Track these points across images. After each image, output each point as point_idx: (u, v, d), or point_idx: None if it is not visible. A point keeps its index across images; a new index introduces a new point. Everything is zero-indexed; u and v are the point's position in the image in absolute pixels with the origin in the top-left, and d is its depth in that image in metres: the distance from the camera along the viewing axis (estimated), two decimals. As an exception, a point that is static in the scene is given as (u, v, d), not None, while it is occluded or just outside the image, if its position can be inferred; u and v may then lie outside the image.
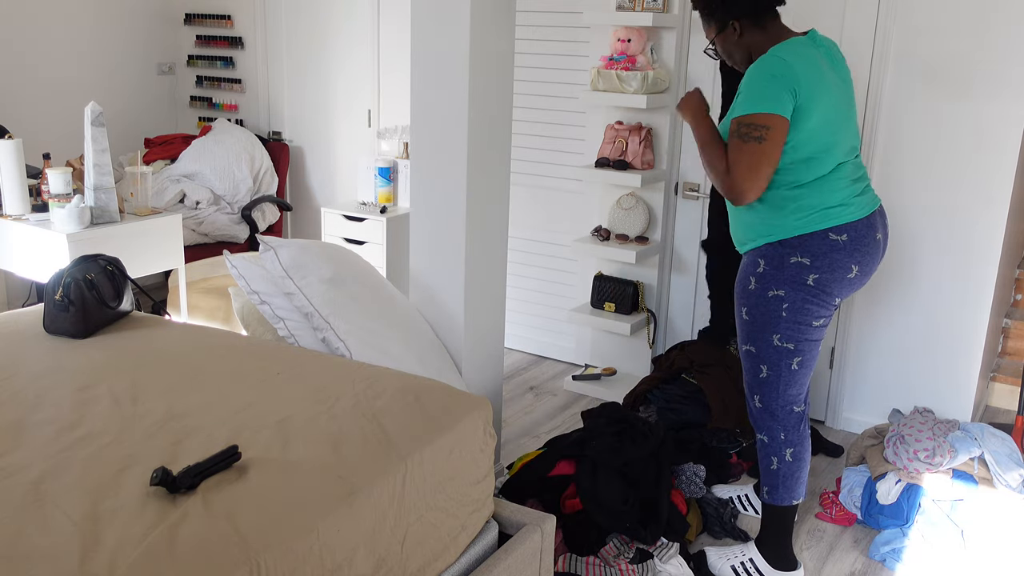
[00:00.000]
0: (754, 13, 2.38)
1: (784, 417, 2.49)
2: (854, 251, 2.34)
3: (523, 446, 3.40)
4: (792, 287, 2.35)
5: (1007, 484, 2.76)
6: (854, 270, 2.36)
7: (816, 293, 2.35)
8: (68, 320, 2.44)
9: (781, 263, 2.36)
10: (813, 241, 2.33)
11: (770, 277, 2.38)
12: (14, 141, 3.25)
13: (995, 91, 3.11)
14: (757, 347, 2.45)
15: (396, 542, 1.77)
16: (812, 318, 2.38)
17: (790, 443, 2.51)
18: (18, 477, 1.68)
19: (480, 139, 2.61)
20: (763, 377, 2.47)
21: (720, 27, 2.44)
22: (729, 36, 2.44)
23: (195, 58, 5.30)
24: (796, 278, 2.35)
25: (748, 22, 2.39)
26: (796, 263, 2.34)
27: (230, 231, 4.59)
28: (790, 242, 2.35)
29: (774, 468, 2.53)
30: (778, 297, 2.38)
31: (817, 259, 2.33)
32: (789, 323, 2.38)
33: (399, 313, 2.66)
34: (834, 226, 2.33)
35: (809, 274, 2.34)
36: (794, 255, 2.35)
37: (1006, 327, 3.94)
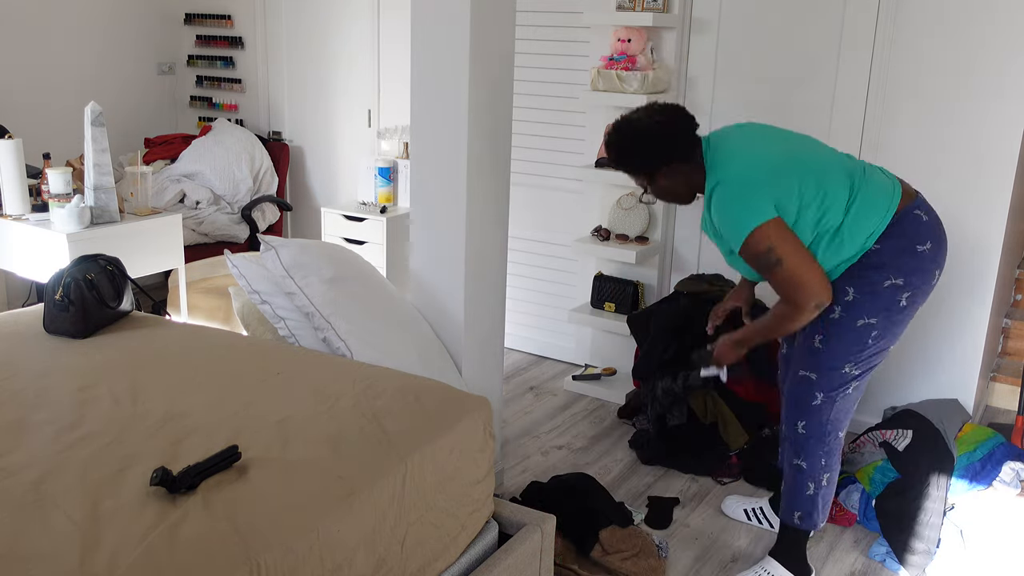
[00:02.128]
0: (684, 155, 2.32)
1: (829, 442, 2.41)
2: (937, 255, 2.28)
3: (523, 446, 3.40)
4: (886, 313, 2.26)
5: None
6: (937, 276, 2.31)
7: (908, 314, 2.29)
8: (68, 320, 2.44)
9: (875, 289, 2.25)
10: (904, 258, 2.23)
11: (863, 305, 2.26)
12: (14, 141, 3.25)
13: (995, 91, 3.11)
14: (819, 374, 2.35)
15: (396, 542, 1.77)
16: (892, 341, 2.32)
17: (829, 468, 2.44)
18: (18, 477, 1.68)
19: (480, 139, 2.61)
20: (815, 404, 2.38)
21: (650, 177, 2.38)
22: (661, 181, 2.38)
23: (195, 58, 5.30)
24: (891, 302, 2.25)
25: (679, 163, 2.33)
26: (891, 285, 2.24)
27: (230, 231, 4.59)
28: (878, 263, 2.23)
29: (810, 494, 2.45)
30: (869, 326, 2.27)
31: (911, 275, 2.24)
32: (871, 351, 2.30)
33: (399, 313, 2.66)
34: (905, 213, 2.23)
35: (903, 294, 2.25)
36: (888, 278, 2.24)
37: (1006, 327, 3.93)
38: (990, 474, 2.83)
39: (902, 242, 2.24)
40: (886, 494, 2.82)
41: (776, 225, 2.19)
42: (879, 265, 2.24)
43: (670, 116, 2.35)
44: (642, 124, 2.34)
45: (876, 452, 2.94)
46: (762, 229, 2.19)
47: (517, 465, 3.26)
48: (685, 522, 2.92)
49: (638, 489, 3.11)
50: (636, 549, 2.57)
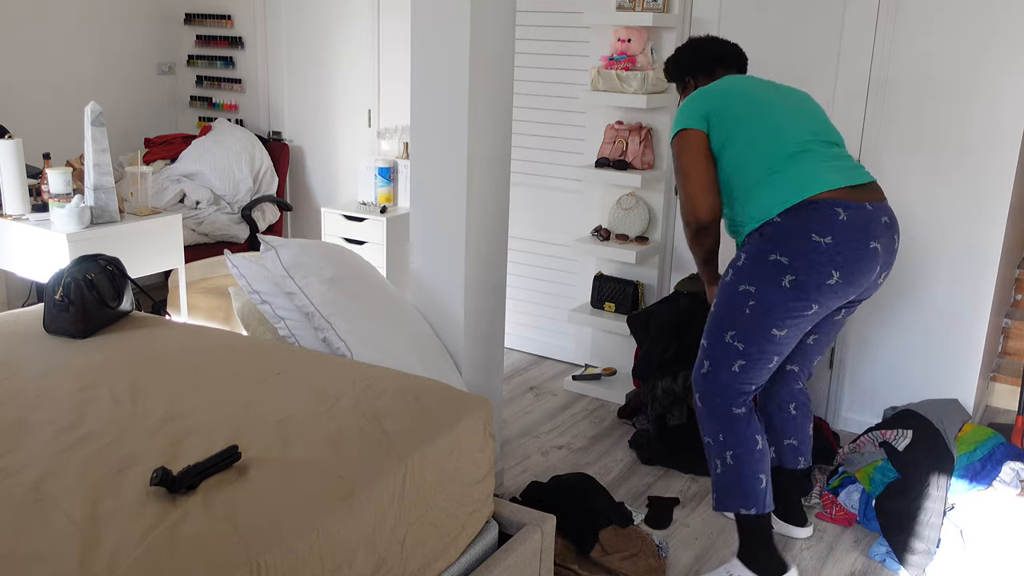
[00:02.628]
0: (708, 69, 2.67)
1: (722, 418, 2.42)
2: (836, 255, 2.25)
3: (523, 446, 3.40)
4: (765, 284, 2.30)
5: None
6: (835, 276, 2.26)
7: (789, 298, 2.28)
8: (68, 320, 2.44)
9: (760, 259, 2.31)
10: (794, 239, 2.26)
11: (746, 271, 2.34)
12: (14, 141, 3.25)
13: (995, 91, 3.11)
14: (708, 341, 2.44)
15: (396, 542, 1.77)
16: (774, 323, 2.32)
17: (731, 445, 2.41)
18: (18, 477, 1.68)
19: (480, 139, 2.61)
20: (703, 372, 2.45)
21: (682, 88, 2.74)
22: (689, 92, 2.70)
23: (195, 58, 5.30)
24: (771, 277, 2.29)
25: (702, 77, 2.67)
26: (774, 261, 2.28)
27: (230, 231, 4.59)
28: (771, 235, 2.30)
29: (718, 472, 2.46)
30: (747, 292, 2.33)
31: (796, 259, 2.26)
32: (749, 323, 2.34)
33: (399, 313, 2.66)
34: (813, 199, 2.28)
35: (786, 275, 2.27)
36: (774, 252, 2.29)
37: (1006, 327, 3.94)
38: (990, 474, 2.83)
39: (799, 224, 2.27)
40: (886, 494, 2.82)
41: (695, 138, 2.43)
42: (770, 237, 2.31)
43: (714, 41, 2.71)
44: (688, 42, 2.75)
45: (876, 452, 2.94)
46: (683, 135, 2.44)
47: (517, 465, 3.26)
48: (685, 522, 2.92)
49: (638, 489, 3.11)
50: (636, 549, 2.58)
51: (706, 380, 2.44)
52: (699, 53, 2.69)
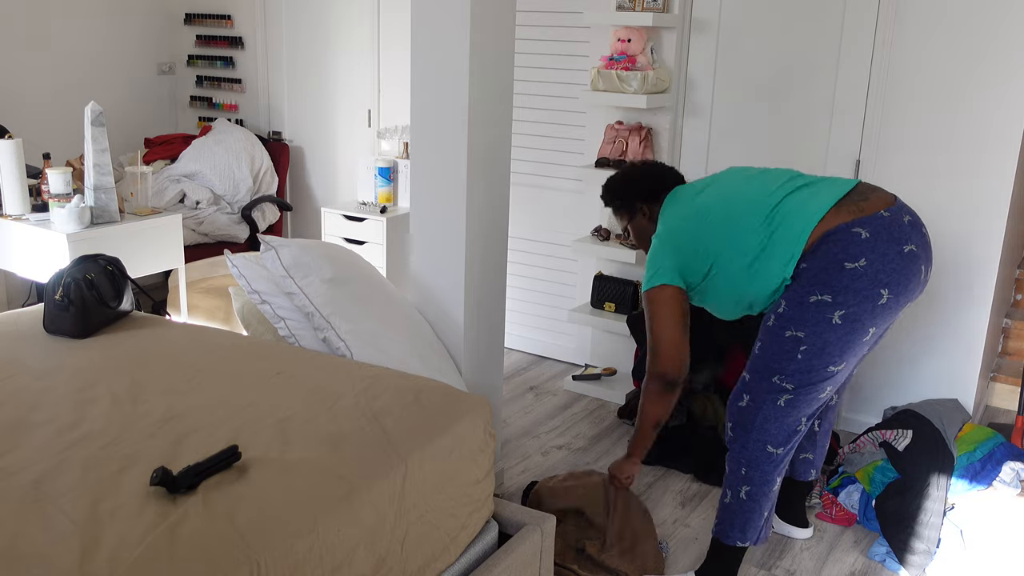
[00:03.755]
0: (656, 195, 2.62)
1: (752, 452, 2.35)
2: (878, 273, 2.16)
3: (523, 446, 3.40)
4: (814, 328, 2.20)
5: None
6: (885, 295, 2.18)
7: (843, 332, 2.20)
8: (68, 320, 2.44)
9: (801, 302, 2.22)
10: (829, 275, 2.18)
11: (790, 317, 2.24)
12: (14, 141, 3.25)
13: (995, 91, 3.11)
14: (751, 375, 2.35)
15: (396, 542, 1.77)
16: (831, 360, 2.23)
17: (750, 481, 2.36)
18: (18, 477, 1.68)
19: (480, 139, 2.61)
20: (741, 405, 2.37)
21: (630, 215, 2.69)
22: (640, 220, 2.68)
23: (195, 58, 5.30)
24: (819, 318, 2.19)
25: (653, 204, 2.62)
26: (816, 301, 2.19)
27: (230, 231, 4.59)
28: (805, 278, 2.22)
29: (727, 501, 2.42)
30: (796, 338, 2.23)
31: (839, 294, 2.17)
32: (802, 366, 2.24)
33: (399, 313, 2.66)
34: (829, 231, 2.20)
35: (834, 311, 2.18)
36: (813, 293, 2.20)
37: (1006, 327, 3.93)
38: (990, 474, 2.83)
39: (826, 260, 2.20)
40: (886, 494, 2.82)
41: (671, 294, 2.43)
42: (806, 280, 2.23)
43: (652, 166, 2.73)
44: (629, 168, 2.75)
45: (876, 452, 2.94)
46: (656, 291, 2.45)
47: (517, 465, 3.26)
48: (685, 522, 2.92)
49: (638, 489, 3.11)
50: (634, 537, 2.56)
51: (745, 413, 2.35)
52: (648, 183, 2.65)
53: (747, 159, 3.60)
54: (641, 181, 2.68)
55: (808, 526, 2.84)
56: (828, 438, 2.77)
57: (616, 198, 2.72)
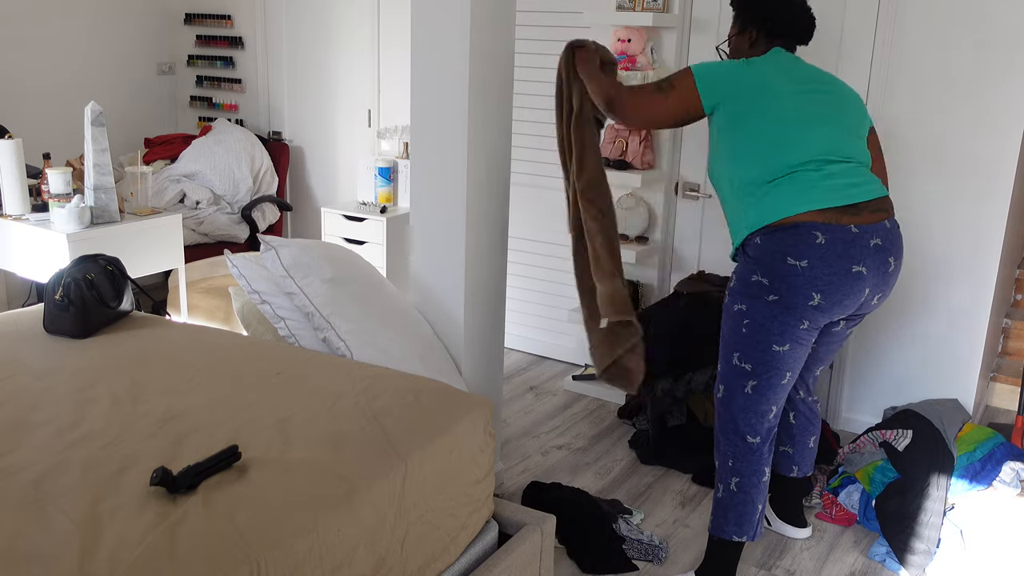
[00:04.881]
0: (774, 31, 2.50)
1: (735, 444, 2.40)
2: (814, 278, 2.23)
3: (523, 446, 3.40)
4: (752, 301, 2.31)
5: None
6: (816, 298, 2.25)
7: (777, 312, 2.28)
8: (68, 320, 2.44)
9: (746, 279, 2.33)
10: (771, 262, 2.27)
11: (737, 292, 2.36)
12: (14, 141, 3.25)
13: (995, 91, 3.11)
14: (721, 366, 2.44)
15: (396, 542, 1.77)
16: (772, 339, 2.30)
17: (738, 473, 2.40)
18: (18, 477, 1.68)
19: (480, 139, 2.61)
20: (719, 397, 2.44)
21: (741, 27, 2.57)
22: (743, 40, 2.56)
23: (195, 58, 5.30)
24: (757, 296, 2.31)
25: (763, 35, 2.51)
26: (756, 281, 2.30)
27: (230, 231, 4.59)
28: (753, 256, 2.31)
29: (719, 496, 2.44)
30: (741, 311, 2.35)
31: (775, 281, 2.26)
32: (749, 341, 2.33)
33: (400, 313, 2.66)
34: (795, 221, 2.24)
35: (769, 295, 2.29)
36: (755, 273, 2.30)
37: (1006, 327, 3.94)
38: (990, 474, 2.83)
39: (776, 247, 2.26)
40: (886, 494, 2.82)
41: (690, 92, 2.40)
42: (752, 258, 2.33)
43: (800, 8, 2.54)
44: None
45: (876, 452, 2.94)
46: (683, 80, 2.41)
47: (517, 465, 3.26)
48: (685, 522, 2.92)
49: (638, 489, 3.11)
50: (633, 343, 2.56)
51: (723, 404, 2.43)
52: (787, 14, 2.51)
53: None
54: (777, 10, 2.51)
55: (807, 526, 2.84)
56: (811, 435, 2.76)
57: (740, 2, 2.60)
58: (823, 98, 2.40)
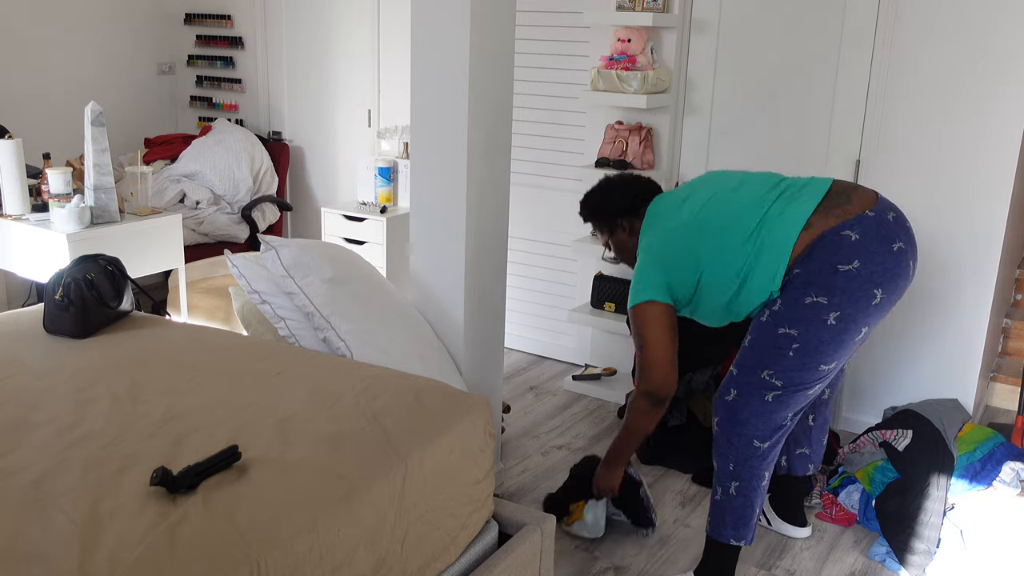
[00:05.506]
0: (634, 208, 2.58)
1: (740, 448, 2.35)
2: (871, 275, 2.17)
3: (523, 446, 3.40)
4: (807, 327, 2.21)
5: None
6: (878, 295, 2.19)
7: (836, 333, 2.20)
8: (68, 320, 2.44)
9: (796, 302, 2.22)
10: (823, 278, 2.18)
11: (785, 316, 2.24)
12: (14, 141, 3.25)
13: (995, 91, 3.11)
14: (739, 370, 2.35)
15: (396, 542, 1.77)
16: (822, 360, 2.24)
17: (739, 477, 2.36)
18: (18, 477, 1.68)
19: (480, 139, 2.61)
20: (728, 399, 2.36)
21: (611, 229, 2.66)
22: (620, 235, 2.65)
23: (195, 58, 5.30)
24: (813, 318, 2.20)
25: (634, 218, 2.59)
26: (812, 303, 2.19)
27: (230, 231, 4.59)
28: (799, 282, 2.21)
29: (717, 498, 2.42)
30: (789, 336, 2.23)
31: (834, 296, 2.18)
32: (793, 364, 2.25)
33: (400, 313, 2.66)
34: (810, 236, 2.20)
35: (830, 313, 2.19)
36: (809, 295, 2.19)
37: (1006, 327, 3.94)
38: (990, 474, 2.83)
39: (820, 263, 2.19)
40: (886, 494, 2.82)
41: (660, 311, 2.39)
42: (801, 283, 2.22)
43: (628, 179, 2.69)
44: (603, 183, 2.71)
45: (876, 452, 2.94)
46: (644, 307, 2.40)
47: (517, 465, 3.26)
48: (686, 522, 2.92)
49: (638, 489, 3.11)
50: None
51: (731, 407, 2.35)
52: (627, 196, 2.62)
53: (747, 159, 3.60)
54: (619, 194, 2.64)
55: (807, 525, 2.84)
56: (825, 434, 2.76)
57: (595, 214, 2.69)
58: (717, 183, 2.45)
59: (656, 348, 2.39)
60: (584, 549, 2.75)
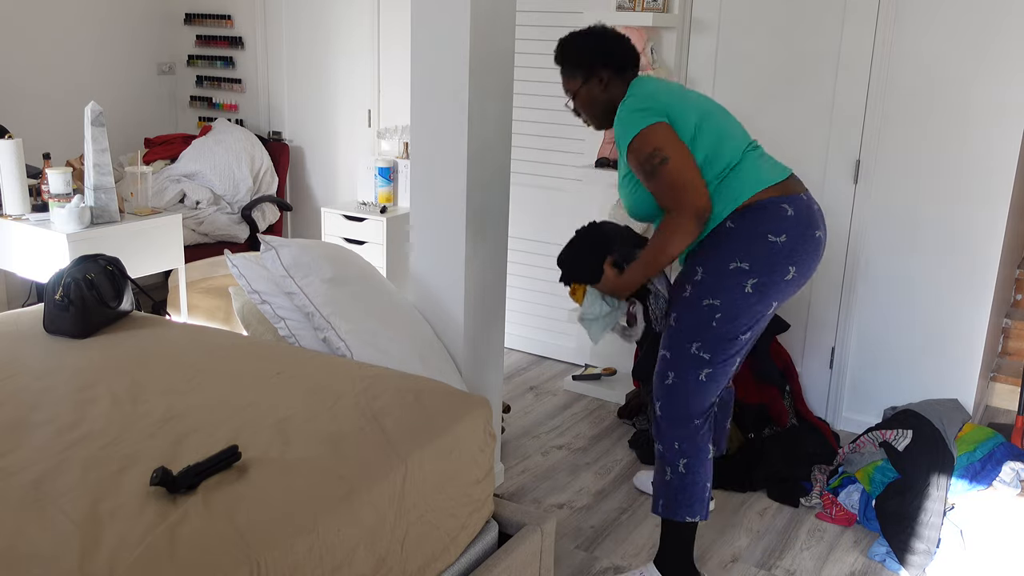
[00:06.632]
0: (622, 65, 2.43)
1: (682, 427, 2.39)
2: (792, 251, 2.27)
3: (523, 446, 3.41)
4: (729, 296, 2.28)
5: None
6: (791, 271, 2.29)
7: (754, 301, 2.29)
8: (68, 320, 2.44)
9: (721, 270, 2.29)
10: (751, 243, 2.26)
11: (708, 285, 2.31)
12: (14, 141, 3.25)
13: (995, 91, 3.11)
14: (672, 352, 2.38)
15: (396, 542, 1.77)
16: (740, 329, 2.31)
17: (686, 455, 2.40)
18: (18, 477, 1.68)
19: (480, 139, 2.61)
20: (668, 384, 2.39)
21: (586, 77, 2.45)
22: (594, 87, 2.45)
23: (195, 58, 5.30)
24: (734, 285, 2.28)
25: (613, 74, 2.43)
26: (735, 268, 2.27)
27: (230, 231, 4.59)
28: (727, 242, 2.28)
29: (667, 479, 2.43)
30: (712, 306, 2.30)
31: (756, 262, 2.26)
32: (717, 334, 2.31)
33: (399, 313, 2.66)
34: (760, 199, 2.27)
35: (748, 280, 2.27)
36: (733, 260, 2.27)
37: (1006, 327, 3.94)
38: (990, 474, 2.83)
39: (755, 227, 2.27)
40: (886, 494, 2.82)
41: (665, 128, 2.27)
42: (728, 246, 2.29)
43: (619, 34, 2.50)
44: (594, 28, 2.51)
45: (876, 452, 2.94)
46: (651, 129, 2.26)
47: (517, 465, 3.26)
48: (685, 522, 2.92)
49: (637, 493, 3.11)
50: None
51: (671, 391, 2.39)
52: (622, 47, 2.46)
53: (747, 159, 3.60)
54: (615, 45, 2.45)
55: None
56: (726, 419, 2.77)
57: (577, 54, 2.46)
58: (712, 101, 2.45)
59: (683, 160, 2.25)
60: (584, 549, 2.75)
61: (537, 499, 3.02)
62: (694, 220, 2.25)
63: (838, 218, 3.48)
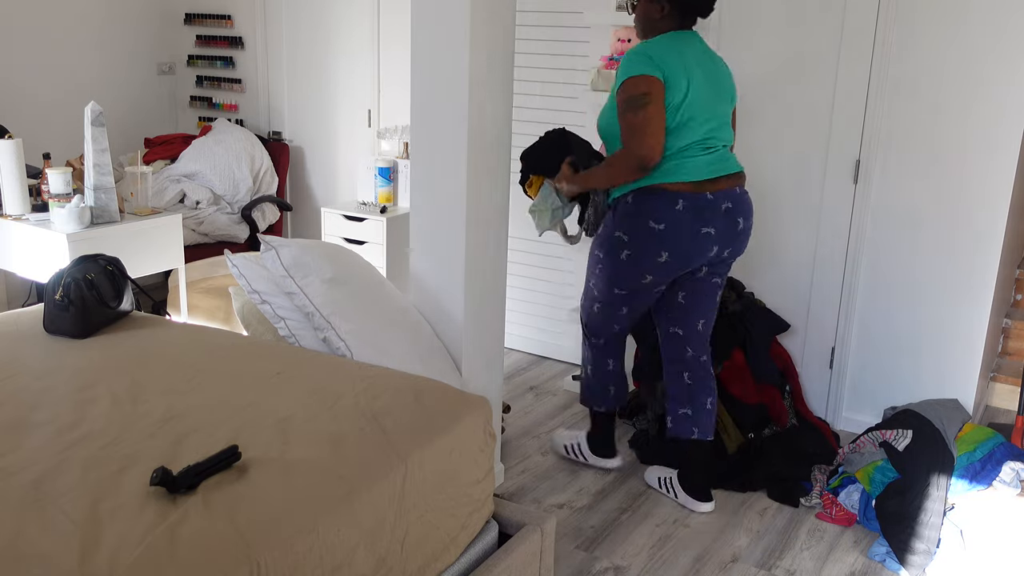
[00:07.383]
0: (684, 9, 2.67)
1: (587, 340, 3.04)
2: (665, 239, 2.63)
3: (523, 446, 3.41)
4: (608, 254, 2.76)
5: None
6: (664, 256, 2.66)
7: (624, 268, 2.74)
8: (68, 320, 2.44)
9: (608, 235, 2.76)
10: (635, 222, 2.66)
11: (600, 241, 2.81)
12: (14, 141, 3.25)
13: (995, 90, 3.11)
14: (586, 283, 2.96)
15: (396, 542, 1.77)
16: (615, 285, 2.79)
17: (590, 360, 3.05)
18: (18, 477, 1.68)
19: (480, 138, 2.61)
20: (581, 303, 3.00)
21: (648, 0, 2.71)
22: (652, 8, 2.69)
23: (195, 58, 5.30)
24: (613, 249, 2.74)
25: (675, 10, 2.67)
26: (617, 237, 2.71)
27: (230, 231, 4.59)
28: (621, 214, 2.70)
29: (583, 376, 3.12)
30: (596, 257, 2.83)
31: (633, 239, 2.68)
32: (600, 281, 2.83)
33: (399, 313, 2.66)
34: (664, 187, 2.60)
35: (623, 250, 2.71)
36: (618, 230, 2.71)
37: (1006, 327, 3.94)
38: (990, 474, 2.83)
39: (643, 210, 2.65)
40: (886, 494, 2.82)
41: (660, 85, 2.55)
42: (620, 219, 2.72)
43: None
44: None
45: (876, 452, 2.94)
46: (651, 80, 2.54)
47: (517, 465, 3.26)
48: (685, 522, 2.92)
49: (638, 489, 3.11)
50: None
51: (582, 310, 3.02)
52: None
53: (747, 159, 3.60)
54: None
55: (710, 500, 2.98)
56: (707, 396, 2.92)
57: None
58: (712, 85, 2.65)
59: (655, 120, 2.54)
60: (584, 549, 2.75)
61: (537, 499, 3.02)
62: (636, 164, 2.57)
63: (838, 218, 3.48)
